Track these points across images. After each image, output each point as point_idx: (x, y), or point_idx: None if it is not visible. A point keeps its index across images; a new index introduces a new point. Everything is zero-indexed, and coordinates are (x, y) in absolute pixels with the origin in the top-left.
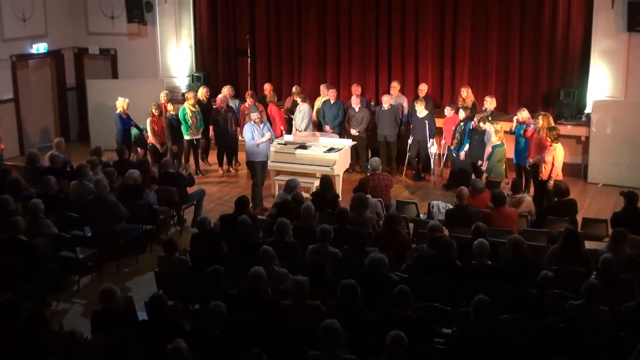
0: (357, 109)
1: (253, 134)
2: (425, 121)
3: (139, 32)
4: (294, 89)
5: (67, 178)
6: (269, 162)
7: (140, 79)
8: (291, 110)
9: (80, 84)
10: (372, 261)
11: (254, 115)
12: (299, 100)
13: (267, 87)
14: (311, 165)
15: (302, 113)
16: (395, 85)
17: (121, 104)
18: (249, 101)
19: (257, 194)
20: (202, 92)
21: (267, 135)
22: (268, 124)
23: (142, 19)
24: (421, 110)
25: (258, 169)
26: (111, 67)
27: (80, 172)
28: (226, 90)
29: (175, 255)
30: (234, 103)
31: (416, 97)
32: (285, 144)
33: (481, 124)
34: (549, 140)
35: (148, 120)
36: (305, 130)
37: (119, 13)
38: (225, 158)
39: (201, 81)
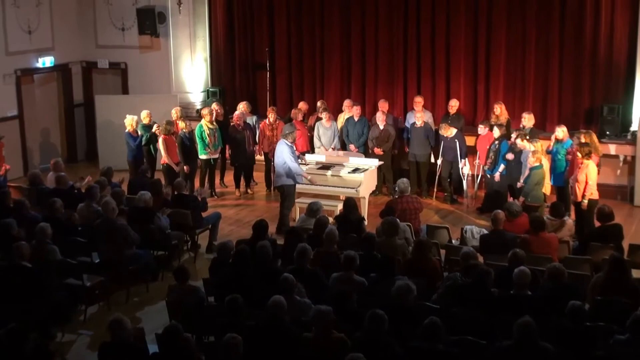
0: (381, 127)
1: (290, 155)
2: (456, 140)
3: (151, 44)
4: (318, 104)
5: (74, 200)
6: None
7: (153, 94)
8: (313, 127)
9: (88, 100)
10: (400, 290)
11: (291, 136)
12: (323, 116)
13: (303, 107)
14: (335, 187)
15: (332, 130)
16: (418, 100)
17: (130, 122)
18: (270, 117)
19: (286, 217)
20: (214, 109)
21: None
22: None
23: (155, 31)
24: (447, 132)
25: (292, 193)
26: (121, 82)
27: (91, 193)
28: (242, 107)
29: (187, 283)
30: (251, 120)
31: (446, 114)
32: (307, 164)
33: (518, 142)
34: (580, 156)
35: (160, 139)
36: (333, 149)
37: (129, 25)
38: (242, 179)
39: (217, 96)
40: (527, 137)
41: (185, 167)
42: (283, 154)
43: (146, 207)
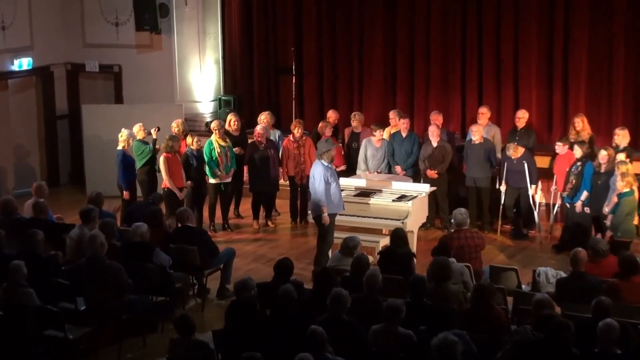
0: (435, 144)
1: (328, 179)
2: (524, 162)
3: (150, 43)
4: (353, 117)
5: (56, 233)
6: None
7: (152, 103)
8: (349, 144)
9: (74, 111)
10: (444, 344)
11: (328, 155)
12: (377, 134)
13: (332, 116)
14: (376, 218)
15: (382, 151)
16: (484, 112)
17: (126, 138)
18: (296, 132)
19: (325, 256)
20: (229, 121)
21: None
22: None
23: (155, 26)
24: (516, 153)
25: (333, 225)
26: (114, 88)
27: (89, 217)
28: (265, 119)
29: (193, 337)
30: (273, 135)
31: (513, 129)
32: (343, 190)
33: (602, 152)
34: None
35: (161, 159)
36: (379, 172)
37: (125, 19)
38: (262, 208)
39: (231, 106)
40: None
41: (188, 182)
42: (316, 178)
43: (143, 241)
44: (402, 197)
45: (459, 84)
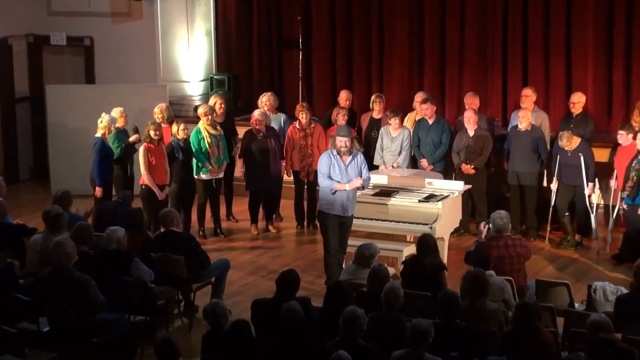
0: (471, 132)
1: (331, 169)
2: (580, 155)
3: (128, 11)
4: (374, 100)
5: (14, 238)
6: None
7: (131, 84)
8: (367, 134)
9: (36, 92)
10: None
11: (342, 141)
12: (392, 122)
13: (344, 97)
14: (398, 222)
15: (400, 140)
16: (528, 94)
17: (105, 124)
18: (302, 118)
19: (332, 266)
20: (215, 104)
21: (357, 182)
22: (364, 161)
23: None
24: (571, 143)
25: (331, 226)
26: (84, 65)
27: (56, 223)
28: (265, 102)
29: None
30: (276, 121)
31: (567, 115)
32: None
33: None
34: None
35: (140, 150)
36: (402, 165)
37: None
38: (262, 210)
39: (225, 87)
40: None
41: (162, 192)
42: (320, 168)
43: (119, 250)
44: (430, 197)
45: (500, 60)
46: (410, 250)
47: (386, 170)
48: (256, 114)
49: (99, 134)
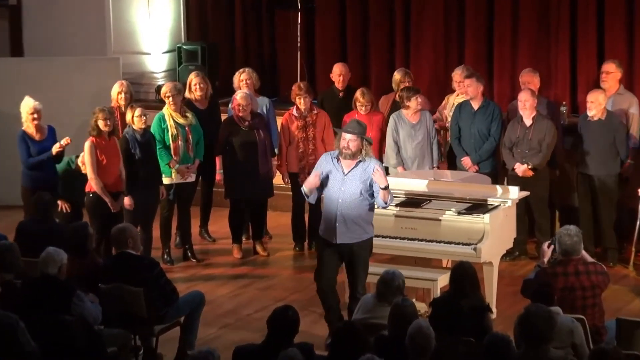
0: (529, 121)
1: (329, 176)
2: None
3: None
4: (396, 76)
5: None
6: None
7: (70, 57)
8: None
9: None
10: None
11: (345, 139)
12: (412, 103)
13: (338, 70)
14: (430, 242)
15: (423, 131)
16: (610, 70)
17: (29, 111)
18: (301, 103)
19: (326, 294)
20: (191, 84)
21: (381, 194)
22: (381, 171)
23: None
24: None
25: (326, 253)
26: (9, 31)
27: None
28: (246, 78)
29: None
30: (262, 104)
31: None
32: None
33: None
34: None
35: (86, 145)
36: (422, 164)
37: None
38: (249, 225)
39: (197, 60)
40: None
41: (126, 199)
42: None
43: (57, 279)
44: (473, 208)
45: (567, 26)
46: (447, 279)
47: (411, 172)
48: (238, 96)
49: (23, 128)
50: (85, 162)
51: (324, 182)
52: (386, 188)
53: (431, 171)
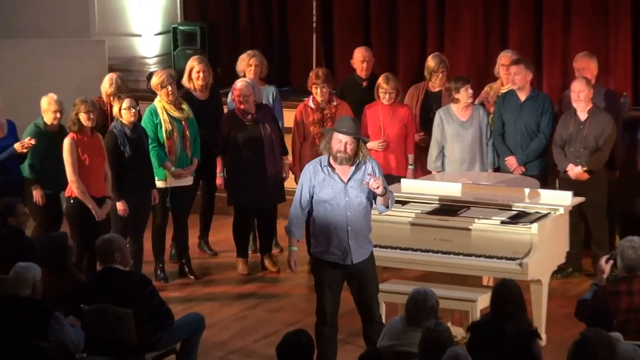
0: (584, 115)
1: (316, 187)
2: None
3: None
4: (429, 62)
5: None
6: None
7: (49, 39)
8: (422, 116)
9: None
10: None
11: (341, 141)
12: (461, 95)
13: (360, 56)
14: (468, 256)
15: (476, 128)
16: None
17: None
18: (317, 93)
19: (325, 341)
20: (191, 72)
21: (380, 199)
22: (379, 171)
23: None
24: None
25: (327, 281)
26: None
27: None
28: (256, 64)
29: None
30: (267, 93)
31: None
32: (404, 204)
33: None
34: None
35: (65, 143)
36: (466, 165)
37: None
38: (256, 235)
39: (196, 43)
40: None
41: (119, 204)
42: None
43: (32, 299)
44: (519, 216)
45: (628, 3)
46: (487, 300)
47: (444, 175)
48: (239, 84)
49: None
50: (64, 161)
51: (318, 198)
52: (384, 193)
53: (469, 173)
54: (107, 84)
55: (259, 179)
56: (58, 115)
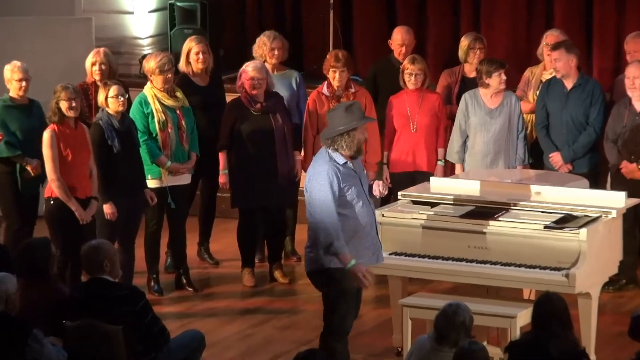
0: (639, 106)
1: (335, 191)
2: None
3: None
4: (464, 42)
5: None
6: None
7: (30, 16)
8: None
9: None
10: None
11: (351, 136)
12: (493, 80)
13: (400, 38)
14: (506, 266)
15: (505, 116)
16: None
17: None
18: (335, 78)
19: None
20: (189, 53)
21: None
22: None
23: None
24: None
25: (354, 291)
26: None
27: None
28: (277, 47)
29: None
30: (284, 83)
31: None
32: (434, 206)
33: None
34: None
35: (45, 136)
36: (489, 159)
37: None
38: (264, 241)
39: (196, 22)
40: None
41: (106, 206)
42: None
43: (6, 315)
44: (565, 221)
45: None
46: (529, 316)
47: (480, 172)
48: (250, 67)
49: None
50: (44, 156)
51: (350, 198)
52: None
53: (508, 171)
54: (90, 58)
55: (269, 177)
56: (24, 84)
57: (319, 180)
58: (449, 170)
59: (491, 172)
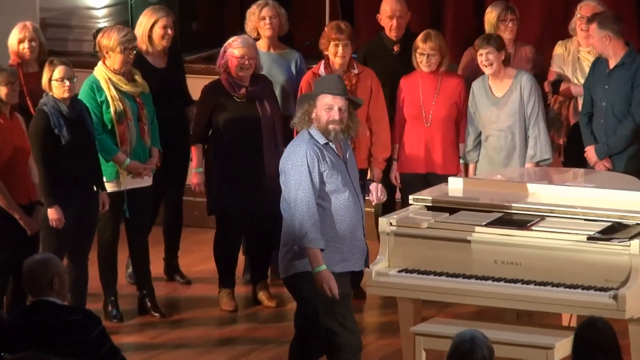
0: None
1: (314, 175)
2: None
3: None
4: (491, 14)
5: None
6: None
7: None
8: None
9: None
10: None
11: (333, 107)
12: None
13: (389, 10)
14: (542, 286)
15: (517, 96)
16: None
17: None
18: (336, 55)
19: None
20: (151, 28)
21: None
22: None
23: None
24: None
25: (347, 296)
26: None
27: None
28: (270, 14)
29: None
30: (282, 65)
31: None
32: (453, 213)
33: None
34: None
35: None
36: (502, 156)
37: None
38: (244, 259)
39: None
40: None
41: (51, 211)
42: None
43: None
44: (611, 231)
45: None
46: (569, 346)
47: (508, 171)
48: (237, 43)
49: None
50: None
51: (331, 188)
52: None
53: (542, 170)
54: (16, 34)
55: (253, 177)
56: None
57: (295, 161)
58: (471, 171)
59: (515, 170)
